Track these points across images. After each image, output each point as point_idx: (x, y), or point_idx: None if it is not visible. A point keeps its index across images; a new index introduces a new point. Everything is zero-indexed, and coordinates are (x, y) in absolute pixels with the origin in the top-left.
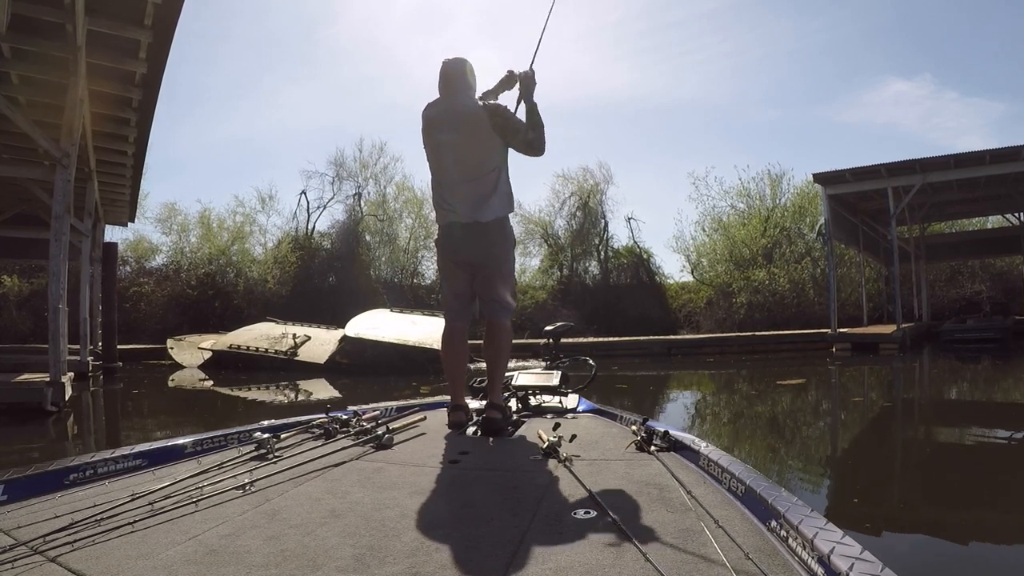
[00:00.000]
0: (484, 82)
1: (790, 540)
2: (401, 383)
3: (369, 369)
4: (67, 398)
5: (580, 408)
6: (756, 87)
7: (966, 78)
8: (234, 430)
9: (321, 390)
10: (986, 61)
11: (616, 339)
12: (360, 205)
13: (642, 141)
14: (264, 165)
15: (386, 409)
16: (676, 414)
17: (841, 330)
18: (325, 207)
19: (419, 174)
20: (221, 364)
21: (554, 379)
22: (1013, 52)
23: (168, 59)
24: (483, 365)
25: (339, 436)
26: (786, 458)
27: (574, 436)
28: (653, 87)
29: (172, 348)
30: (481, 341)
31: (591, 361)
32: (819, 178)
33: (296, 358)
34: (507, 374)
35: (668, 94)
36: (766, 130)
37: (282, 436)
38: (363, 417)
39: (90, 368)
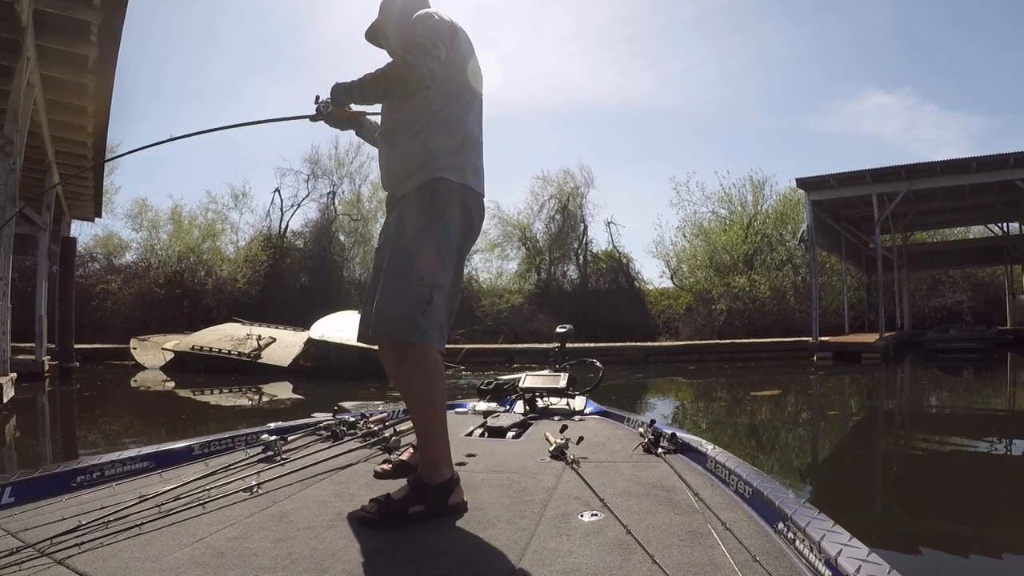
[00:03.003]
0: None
1: (797, 542)
2: (359, 387)
3: (333, 372)
4: (6, 400)
5: (587, 410)
6: (741, 94)
7: (946, 91)
8: (241, 432)
9: (281, 394)
10: (965, 74)
11: (592, 345)
12: (334, 204)
13: (625, 145)
14: (250, 164)
15: (393, 411)
16: None
17: (822, 338)
18: (299, 205)
19: None
20: (184, 366)
21: (561, 381)
22: (992, 66)
23: (121, 42)
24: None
25: (346, 438)
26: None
27: (581, 438)
28: (639, 92)
29: (135, 348)
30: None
31: (598, 363)
32: (802, 183)
33: (260, 360)
34: (514, 376)
35: (654, 99)
36: (749, 138)
37: (289, 438)
38: (370, 419)
39: (46, 368)
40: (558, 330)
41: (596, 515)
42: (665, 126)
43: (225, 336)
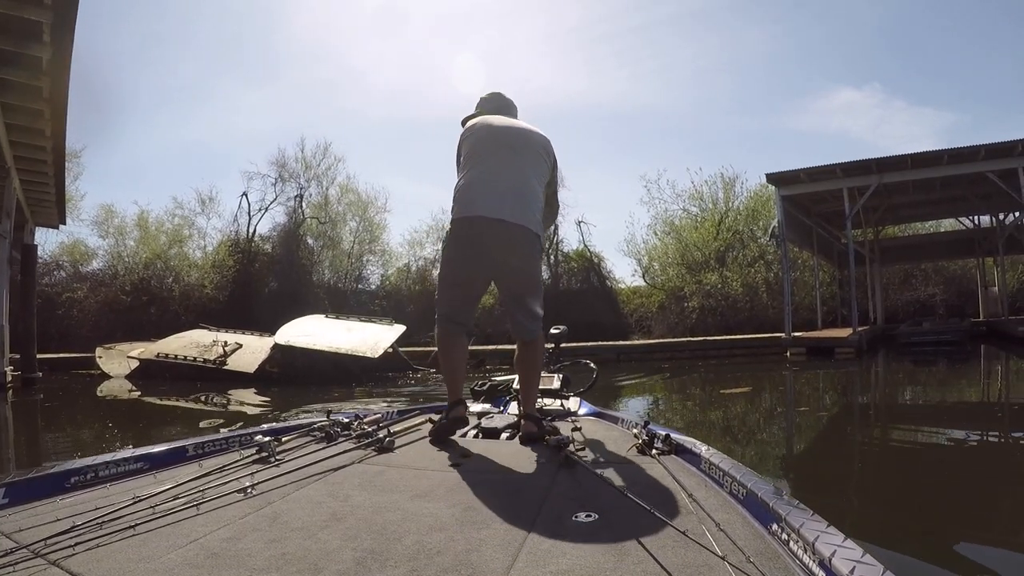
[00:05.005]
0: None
1: (791, 543)
2: (324, 392)
3: (299, 378)
4: None
5: (581, 411)
6: (712, 93)
7: (915, 87)
8: (235, 433)
9: (245, 400)
10: (935, 71)
11: (564, 346)
12: (302, 207)
13: (596, 145)
14: (217, 168)
15: (388, 413)
16: None
17: (795, 334)
18: (267, 209)
19: (364, 175)
20: (149, 373)
21: (555, 382)
22: (962, 62)
23: (74, 43)
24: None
25: (340, 439)
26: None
27: (576, 439)
28: (611, 92)
29: (100, 357)
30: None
31: (592, 364)
32: (772, 178)
33: (225, 367)
34: (508, 377)
35: (626, 99)
36: (721, 136)
37: (283, 439)
38: (364, 420)
39: (9, 379)
40: (552, 331)
41: (590, 516)
42: (637, 126)
43: (191, 343)
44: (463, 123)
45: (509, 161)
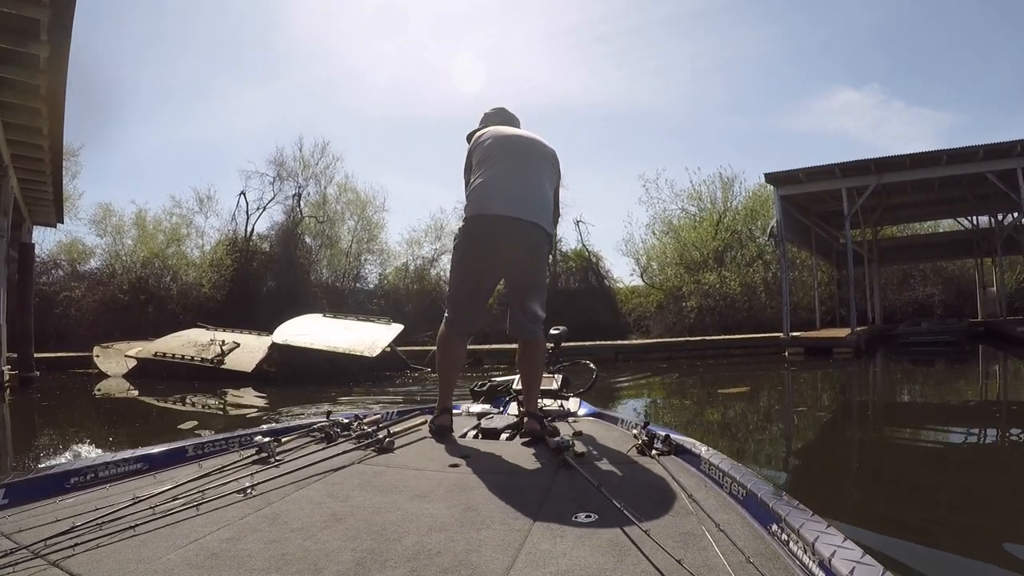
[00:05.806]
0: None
1: (791, 544)
2: (322, 392)
3: (297, 377)
4: None
5: (581, 412)
6: (711, 93)
7: (914, 88)
8: (235, 434)
9: (242, 400)
10: (934, 72)
11: (563, 345)
12: (299, 206)
13: (595, 145)
14: (215, 167)
15: (387, 413)
16: None
17: (794, 334)
18: (265, 208)
19: (362, 174)
20: (147, 373)
21: (555, 383)
22: (962, 62)
23: (72, 41)
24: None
25: (340, 440)
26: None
27: (575, 440)
28: (609, 92)
29: (98, 356)
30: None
31: (592, 365)
32: (771, 178)
33: (222, 366)
34: (508, 377)
35: (624, 99)
36: (719, 136)
37: (283, 440)
38: (364, 421)
39: (6, 378)
40: (552, 331)
41: (590, 516)
42: (635, 126)
43: (188, 342)
44: (468, 138)
45: (522, 165)
